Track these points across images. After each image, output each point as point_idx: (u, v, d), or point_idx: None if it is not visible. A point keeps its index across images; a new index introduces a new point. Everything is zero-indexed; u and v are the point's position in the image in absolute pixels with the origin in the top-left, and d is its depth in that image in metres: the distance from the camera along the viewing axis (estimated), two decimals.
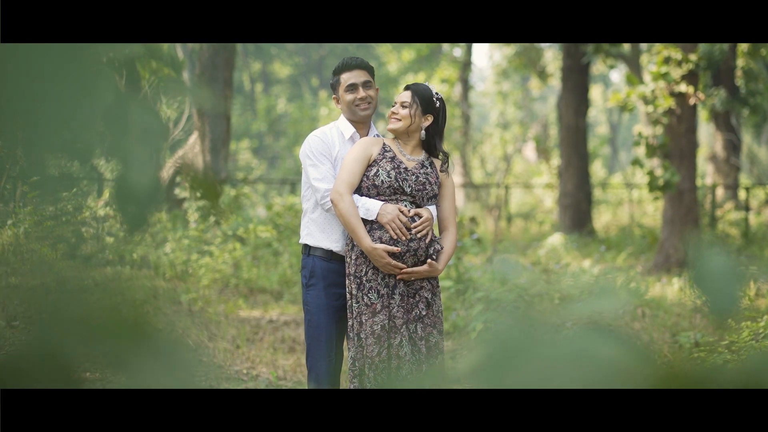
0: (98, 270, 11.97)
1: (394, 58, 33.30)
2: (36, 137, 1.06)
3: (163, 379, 1.00)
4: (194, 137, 16.04)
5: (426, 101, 4.50)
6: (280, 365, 7.37)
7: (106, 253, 12.50)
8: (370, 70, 4.72)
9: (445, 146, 4.67)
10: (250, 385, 6.74)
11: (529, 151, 35.26)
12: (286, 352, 7.91)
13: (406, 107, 4.49)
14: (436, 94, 4.56)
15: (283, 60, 47.31)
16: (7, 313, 7.45)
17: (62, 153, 1.10)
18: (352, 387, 4.37)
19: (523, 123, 34.54)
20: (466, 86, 29.37)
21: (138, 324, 0.99)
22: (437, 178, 4.55)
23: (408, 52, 32.00)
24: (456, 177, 28.32)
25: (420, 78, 28.30)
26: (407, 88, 4.57)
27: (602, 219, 23.29)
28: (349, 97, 4.62)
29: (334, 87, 4.72)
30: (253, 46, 42.81)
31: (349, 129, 4.63)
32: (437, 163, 4.61)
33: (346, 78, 4.64)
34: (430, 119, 4.53)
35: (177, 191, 14.60)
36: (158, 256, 12.02)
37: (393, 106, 4.56)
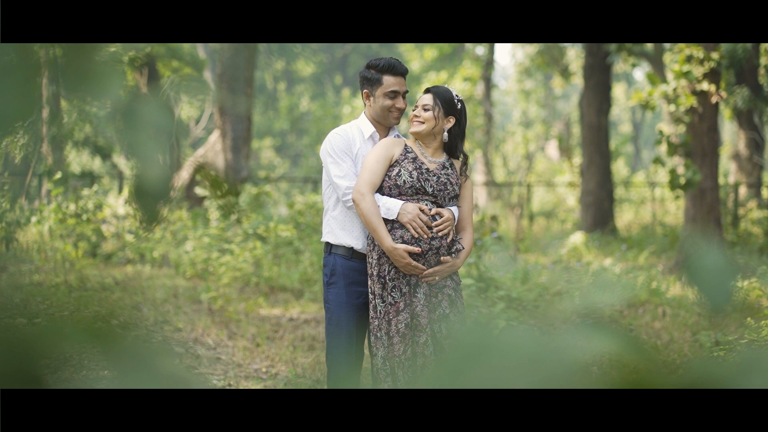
0: (119, 268, 12.04)
1: (417, 56, 33.25)
2: (58, 135, 1.07)
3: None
4: (215, 136, 16.11)
5: (447, 103, 4.49)
6: (299, 363, 7.38)
7: (126, 251, 12.57)
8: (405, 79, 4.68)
9: (467, 145, 4.66)
10: (269, 384, 6.75)
11: (552, 149, 35.16)
12: (305, 350, 7.91)
13: (428, 110, 4.48)
14: (457, 96, 4.55)
15: (306, 58, 47.37)
16: (30, 310, 7.50)
17: (83, 150, 1.11)
18: (385, 387, 4.35)
19: (546, 121, 34.41)
20: (489, 84, 29.30)
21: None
22: (458, 178, 4.54)
23: (430, 50, 31.93)
24: (478, 175, 28.30)
25: (442, 76, 28.26)
26: (428, 91, 4.55)
27: (624, 217, 23.20)
28: (388, 102, 4.56)
29: (370, 82, 4.59)
30: (276, 45, 42.90)
31: (370, 128, 4.61)
32: (457, 164, 4.60)
33: (391, 82, 4.55)
34: (452, 121, 4.52)
35: (197, 189, 14.67)
36: (179, 254, 12.08)
37: (414, 110, 4.54)
